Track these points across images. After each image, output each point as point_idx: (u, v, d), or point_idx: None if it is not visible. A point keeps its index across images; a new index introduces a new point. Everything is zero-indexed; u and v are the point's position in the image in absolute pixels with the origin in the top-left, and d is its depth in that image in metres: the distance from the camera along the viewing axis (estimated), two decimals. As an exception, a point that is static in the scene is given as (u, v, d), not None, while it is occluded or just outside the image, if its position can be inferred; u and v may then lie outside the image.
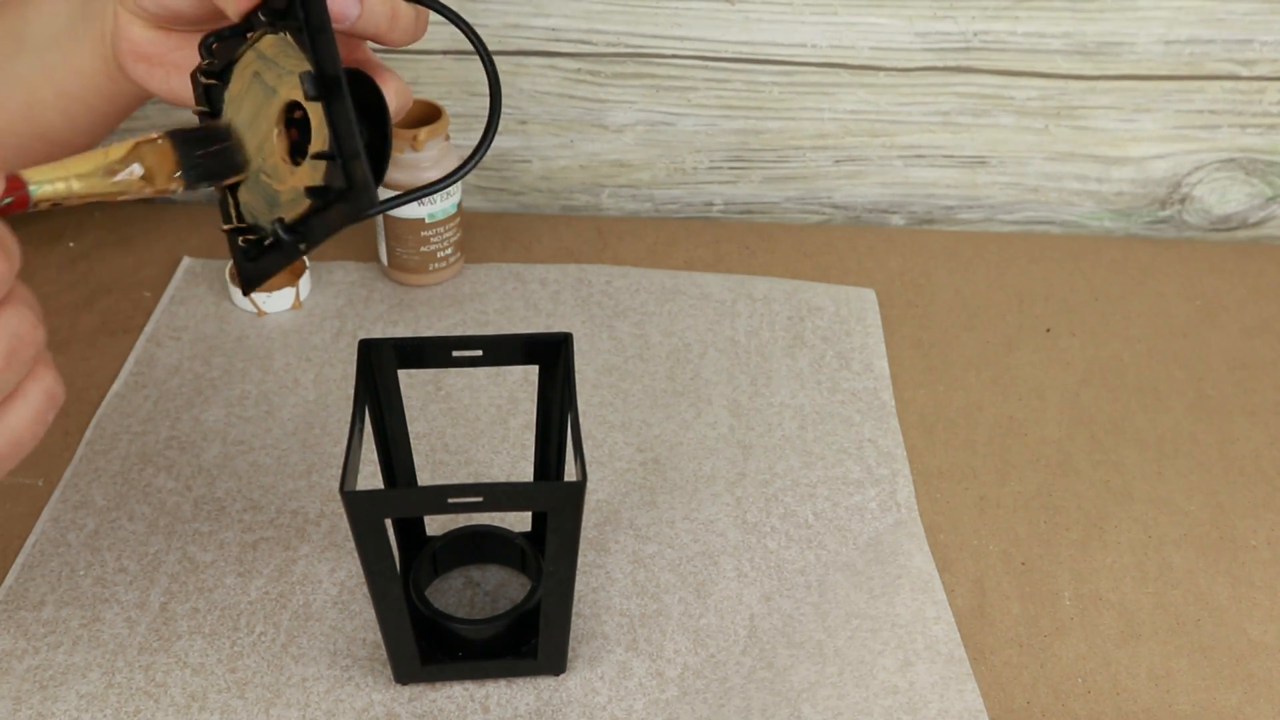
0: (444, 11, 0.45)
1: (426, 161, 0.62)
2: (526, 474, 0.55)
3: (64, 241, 0.69)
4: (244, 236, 0.43)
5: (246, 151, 0.42)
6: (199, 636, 0.48)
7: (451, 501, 0.40)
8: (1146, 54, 0.70)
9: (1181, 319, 0.67)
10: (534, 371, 0.57)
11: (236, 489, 0.54)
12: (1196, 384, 0.63)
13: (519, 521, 0.52)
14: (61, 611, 0.49)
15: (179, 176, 0.40)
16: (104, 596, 0.49)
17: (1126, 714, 0.47)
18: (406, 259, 0.65)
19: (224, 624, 0.48)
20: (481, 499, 0.40)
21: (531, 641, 0.46)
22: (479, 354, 0.46)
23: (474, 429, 0.58)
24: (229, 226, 0.44)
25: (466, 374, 0.61)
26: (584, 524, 0.53)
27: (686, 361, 0.62)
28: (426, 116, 0.63)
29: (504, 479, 0.55)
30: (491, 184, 0.76)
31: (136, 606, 0.49)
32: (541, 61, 0.71)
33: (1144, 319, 0.67)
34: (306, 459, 0.56)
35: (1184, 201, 0.76)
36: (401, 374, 0.51)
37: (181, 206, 0.72)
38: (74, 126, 0.55)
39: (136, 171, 0.39)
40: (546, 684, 0.47)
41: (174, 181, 0.40)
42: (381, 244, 0.66)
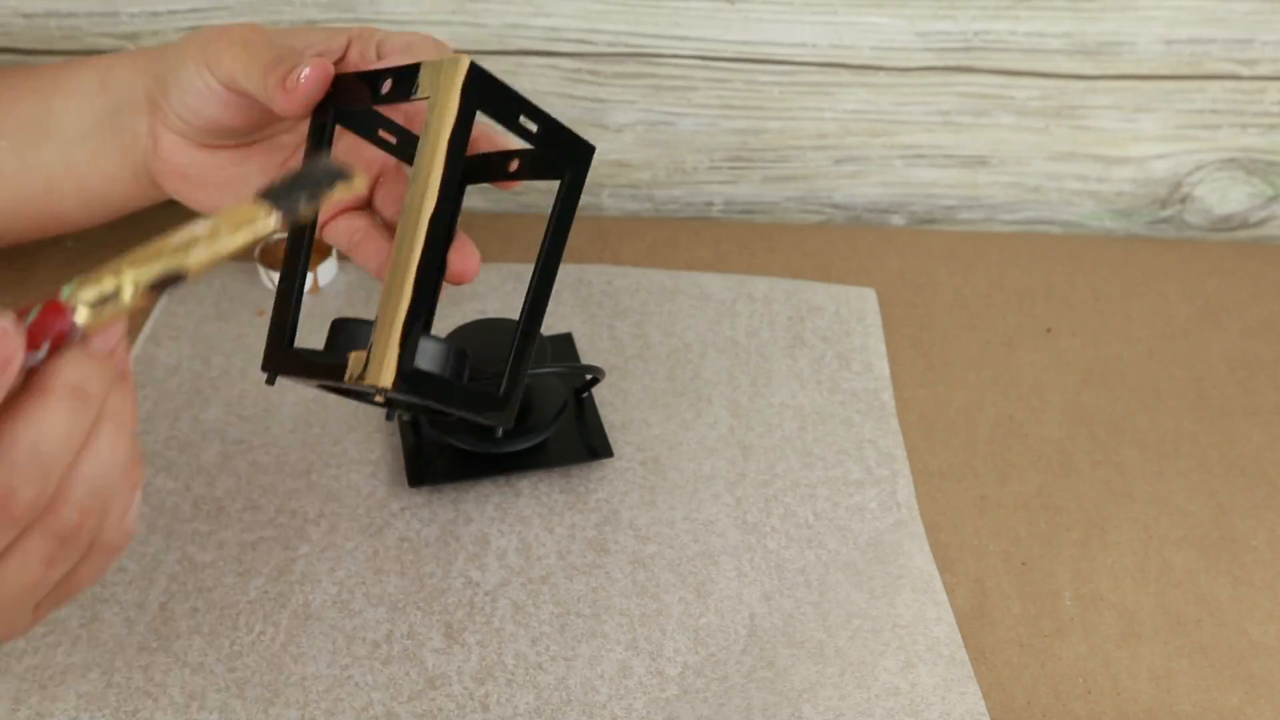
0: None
1: None
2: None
3: (64, 241, 0.69)
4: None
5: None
6: (198, 636, 0.48)
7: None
8: (1147, 54, 0.69)
9: (1182, 319, 0.67)
10: None
11: (236, 488, 0.54)
12: (1197, 384, 0.63)
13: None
14: (60, 611, 0.48)
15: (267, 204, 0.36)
16: (103, 596, 0.49)
17: (1127, 714, 0.47)
18: (406, 259, 0.65)
19: (223, 623, 0.48)
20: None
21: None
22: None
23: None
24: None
25: None
26: (584, 524, 0.53)
27: (686, 361, 0.62)
28: None
29: None
30: (491, 184, 0.76)
31: (136, 606, 0.49)
32: (541, 61, 0.71)
33: (1144, 319, 0.67)
34: (306, 458, 0.56)
35: (1185, 201, 0.76)
36: None
37: (181, 206, 0.72)
38: (91, 215, 0.55)
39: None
40: (546, 683, 0.47)
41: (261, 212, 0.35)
42: (381, 244, 0.66)
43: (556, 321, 0.64)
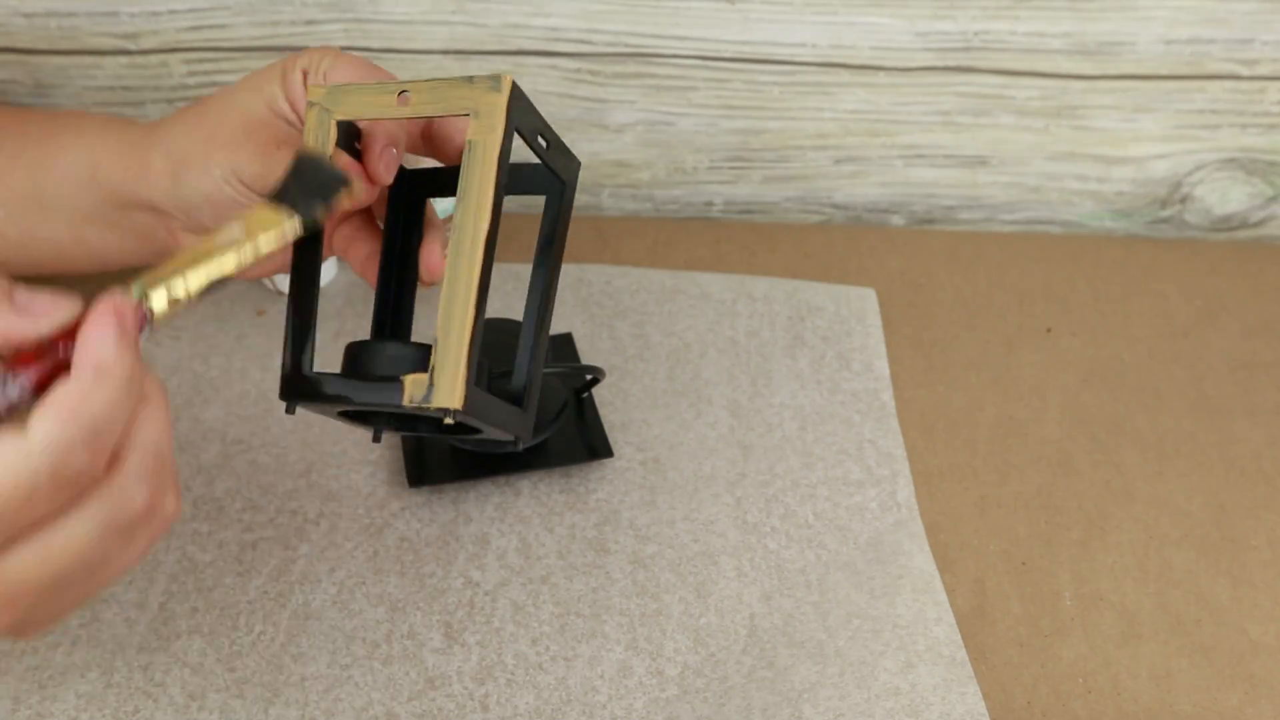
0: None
1: None
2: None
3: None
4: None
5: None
6: (198, 636, 0.48)
7: None
8: (1147, 54, 0.69)
9: (1182, 319, 0.67)
10: None
11: (235, 488, 0.54)
12: (1197, 384, 0.63)
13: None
14: (60, 611, 0.48)
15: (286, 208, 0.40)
16: (103, 596, 0.49)
17: (1127, 714, 0.47)
18: (406, 258, 0.65)
19: (223, 623, 0.48)
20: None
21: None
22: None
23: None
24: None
25: None
26: (584, 524, 0.53)
27: (686, 361, 0.62)
28: None
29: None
30: (491, 184, 0.76)
31: (135, 606, 0.49)
32: (541, 61, 0.71)
33: (1144, 319, 0.67)
34: (305, 458, 0.56)
35: (1184, 201, 0.76)
36: None
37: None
38: (106, 271, 0.53)
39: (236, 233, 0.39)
40: (546, 683, 0.47)
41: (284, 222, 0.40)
42: (381, 243, 0.65)
43: (557, 321, 0.64)
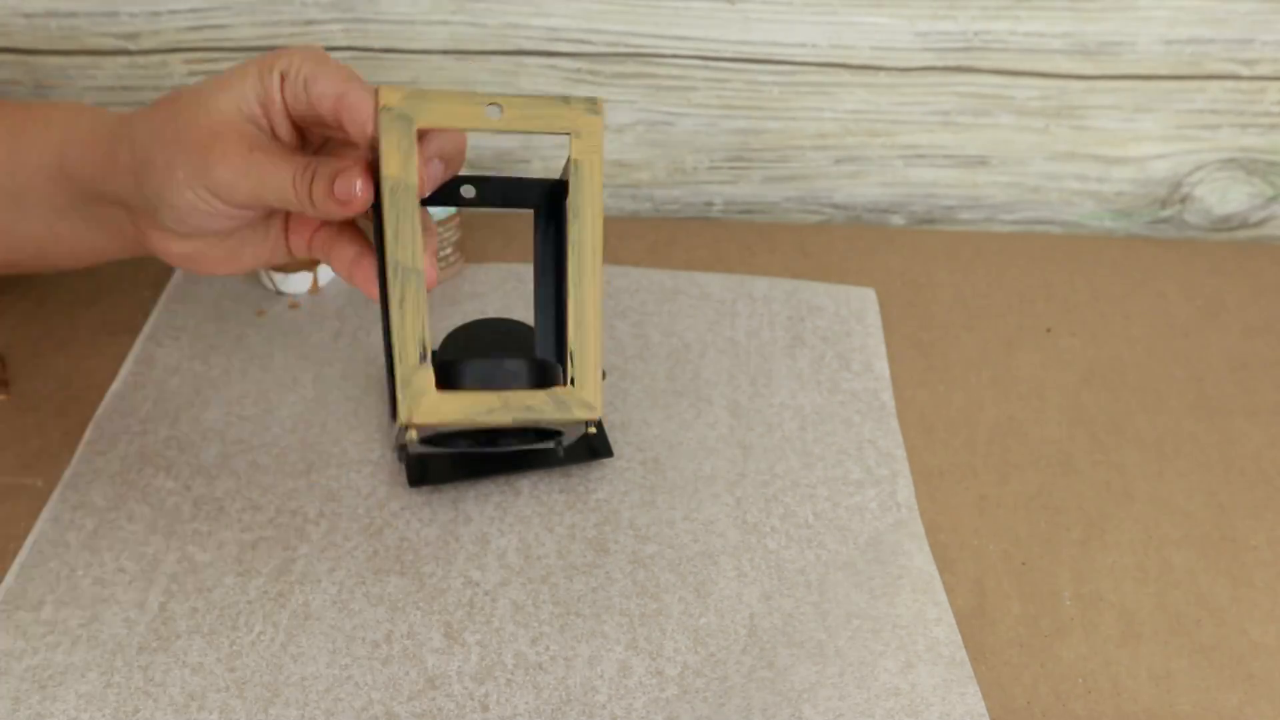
0: None
1: None
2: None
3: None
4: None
5: None
6: (198, 636, 0.48)
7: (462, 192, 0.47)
8: (1147, 54, 0.69)
9: (1182, 319, 0.67)
10: None
11: (235, 489, 0.54)
12: (1197, 384, 0.63)
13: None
14: (60, 611, 0.48)
15: None
16: (103, 596, 0.49)
17: (1127, 714, 0.47)
18: (406, 259, 0.65)
19: (223, 623, 0.48)
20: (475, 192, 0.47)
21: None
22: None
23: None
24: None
25: None
26: (584, 524, 0.53)
27: (686, 361, 0.62)
28: None
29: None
30: (491, 184, 0.76)
31: (135, 606, 0.49)
32: (541, 61, 0.71)
33: (1144, 319, 0.67)
34: (306, 458, 0.56)
35: (1184, 201, 0.76)
36: None
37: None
38: (86, 266, 0.54)
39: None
40: (546, 683, 0.47)
41: None
42: (381, 244, 0.65)
43: (556, 321, 0.64)
